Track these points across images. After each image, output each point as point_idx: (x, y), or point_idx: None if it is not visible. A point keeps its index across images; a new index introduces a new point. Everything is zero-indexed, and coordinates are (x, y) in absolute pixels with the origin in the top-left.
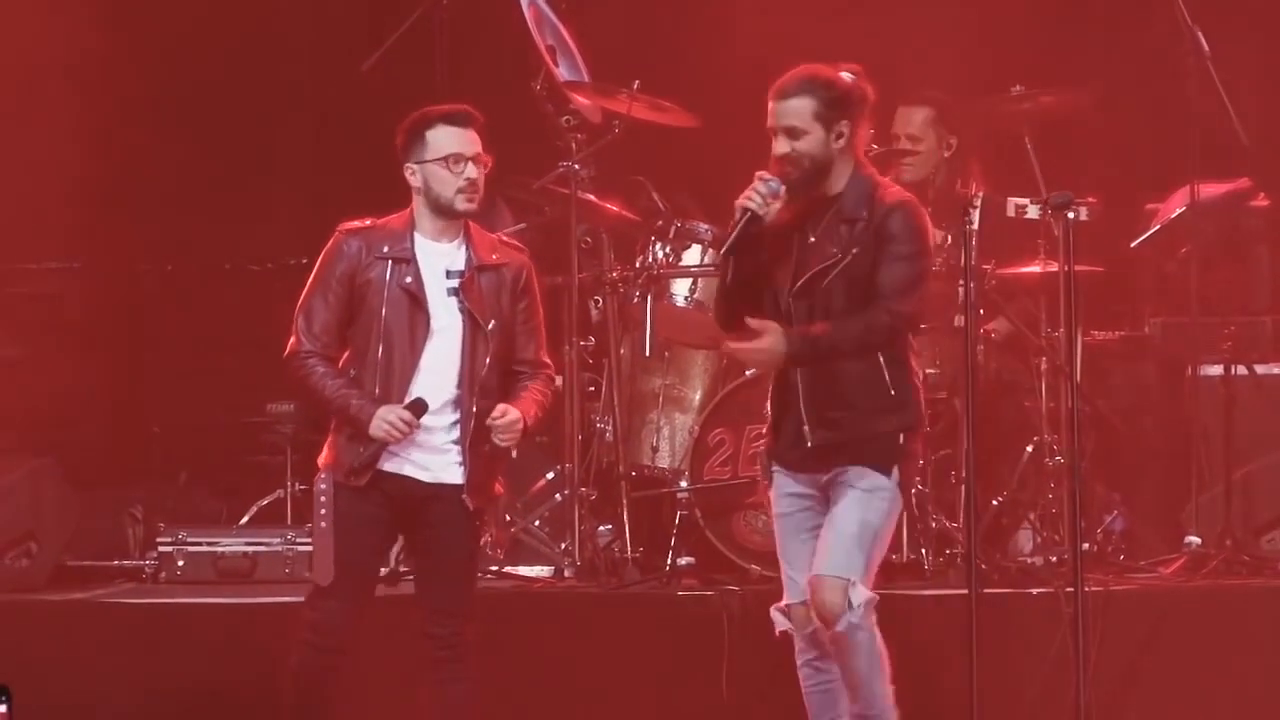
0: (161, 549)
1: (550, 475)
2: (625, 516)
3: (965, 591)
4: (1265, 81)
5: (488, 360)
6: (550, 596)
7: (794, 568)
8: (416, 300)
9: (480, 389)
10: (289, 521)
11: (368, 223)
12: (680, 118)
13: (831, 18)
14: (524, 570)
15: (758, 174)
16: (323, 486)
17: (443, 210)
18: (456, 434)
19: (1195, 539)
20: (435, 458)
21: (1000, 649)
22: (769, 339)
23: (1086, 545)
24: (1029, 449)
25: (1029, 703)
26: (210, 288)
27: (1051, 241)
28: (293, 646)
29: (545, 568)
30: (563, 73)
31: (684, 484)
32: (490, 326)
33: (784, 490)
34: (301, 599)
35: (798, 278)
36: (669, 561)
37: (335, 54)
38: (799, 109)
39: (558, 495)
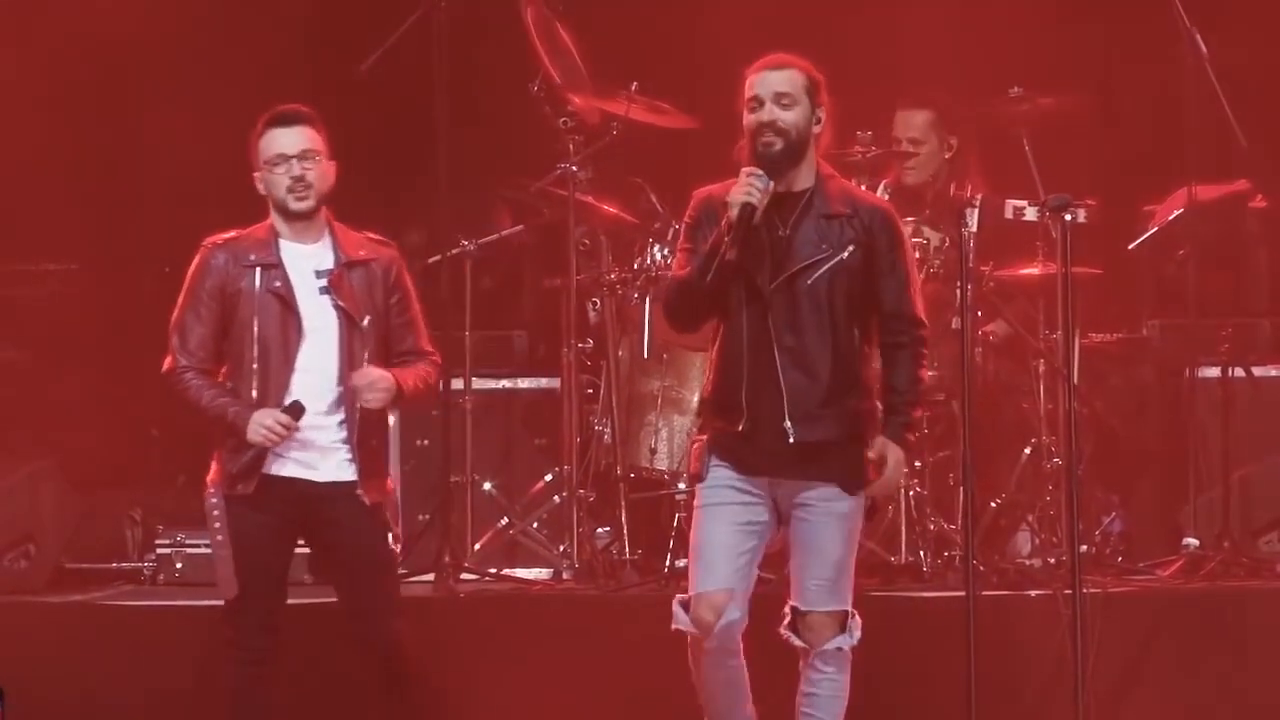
0: (160, 551)
1: (548, 477)
2: (624, 518)
3: (963, 593)
4: (1263, 83)
5: (365, 356)
6: (549, 599)
7: (715, 554)
8: (286, 303)
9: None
10: None
11: (232, 234)
12: (678, 120)
13: (829, 19)
14: (522, 572)
15: (745, 170)
16: (214, 501)
17: (283, 212)
18: (344, 432)
19: (1193, 541)
20: (325, 457)
21: (999, 651)
22: (888, 453)
23: (1085, 547)
24: (1027, 451)
25: (1028, 705)
26: None
27: (1049, 243)
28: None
29: (544, 570)
30: (561, 74)
31: (682, 486)
32: (365, 322)
33: (723, 484)
34: (296, 601)
35: (779, 273)
36: (667, 564)
37: (334, 54)
38: (792, 79)
39: (556, 497)
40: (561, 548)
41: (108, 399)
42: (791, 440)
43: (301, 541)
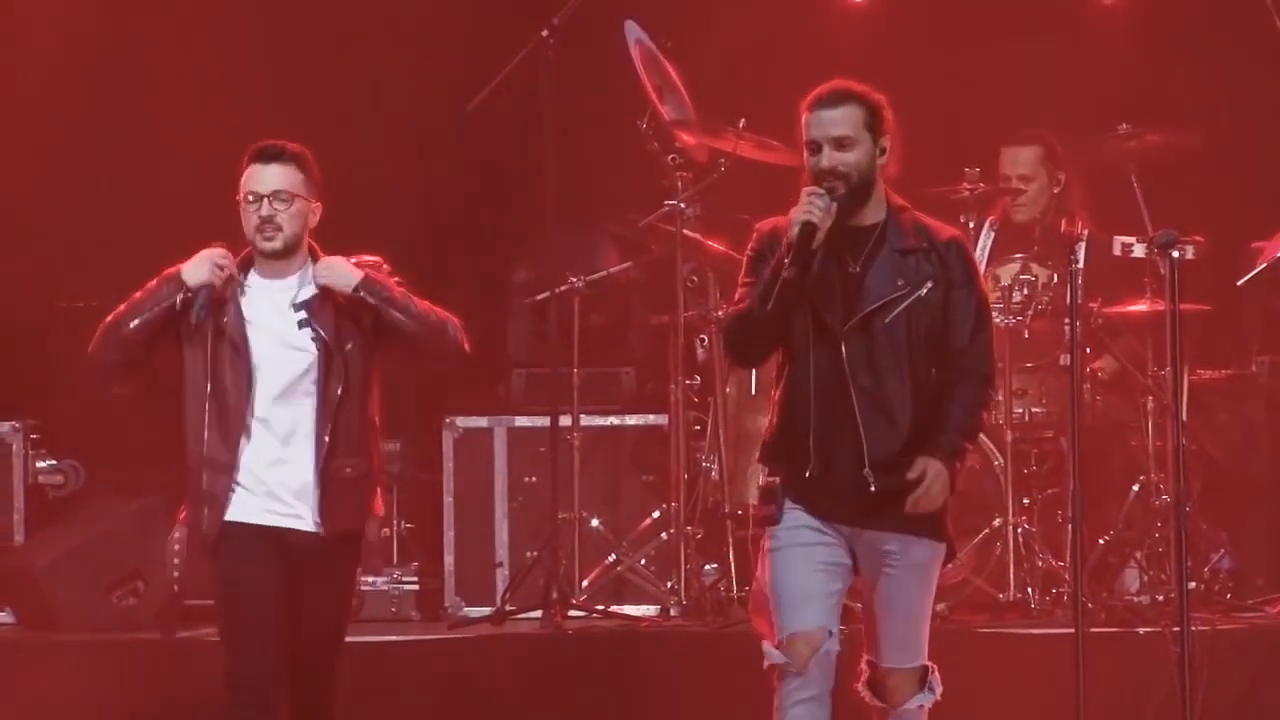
0: None
1: (656, 514)
2: (731, 555)
3: (1072, 631)
4: None
5: (341, 387)
6: (656, 635)
7: (804, 595)
8: (236, 347)
9: (336, 417)
10: (395, 560)
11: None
12: (786, 156)
13: (937, 57)
14: (630, 609)
15: (807, 189)
16: (176, 549)
17: (256, 249)
18: (313, 477)
19: None
20: (297, 505)
21: (1107, 688)
22: (927, 468)
23: (1193, 584)
24: (1135, 488)
25: None
26: None
27: (1158, 280)
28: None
29: (651, 606)
30: (669, 111)
31: None
32: (349, 348)
33: (800, 525)
34: (404, 638)
35: (853, 312)
36: None
37: (442, 93)
38: (849, 118)
39: (663, 534)
40: (669, 584)
41: None
42: (873, 489)
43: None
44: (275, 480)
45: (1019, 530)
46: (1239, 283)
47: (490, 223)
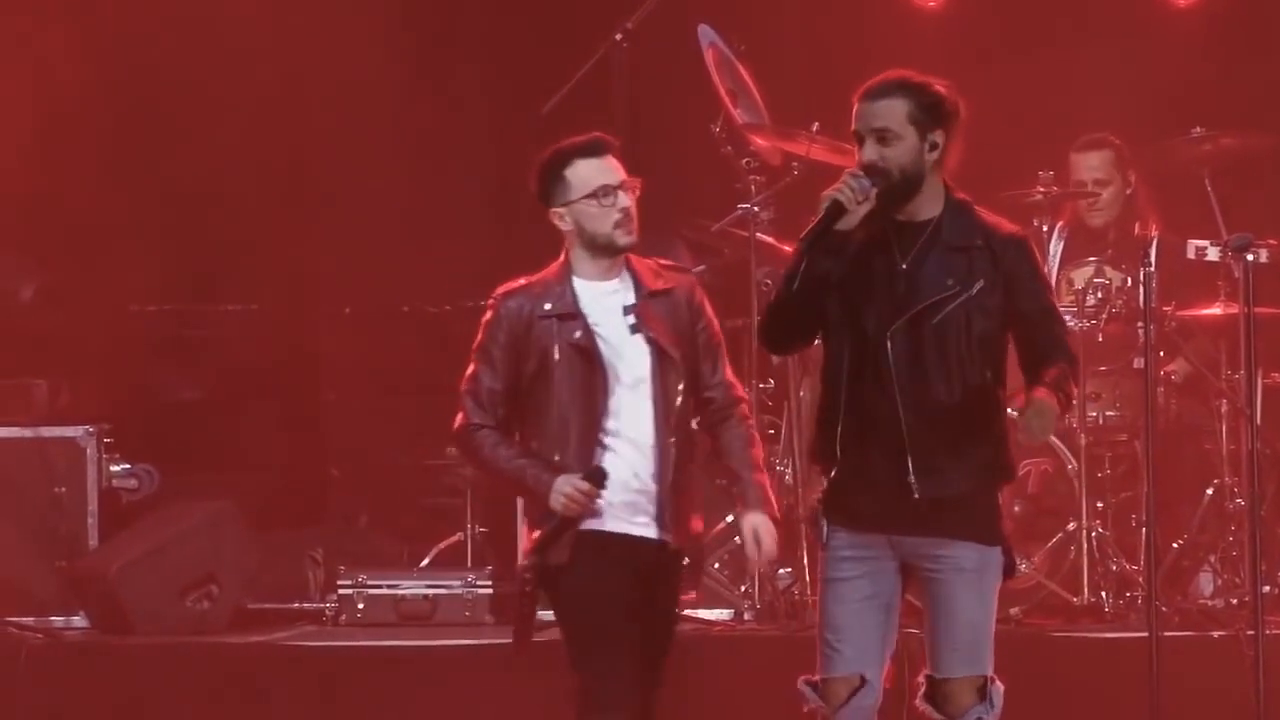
0: (342, 591)
1: (730, 518)
2: (805, 559)
3: (1146, 634)
4: None
5: (680, 389)
6: (731, 640)
7: (842, 638)
8: (589, 357)
9: (676, 424)
10: (469, 564)
11: (523, 282)
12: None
13: (1010, 60)
14: (704, 613)
15: (847, 170)
16: (526, 578)
17: (602, 249)
18: (656, 487)
19: None
20: (640, 509)
21: (1182, 692)
22: (1033, 397)
23: (1267, 588)
24: (1209, 491)
25: None
26: (388, 330)
27: (1231, 283)
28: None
29: (725, 611)
30: (742, 115)
31: None
32: (678, 355)
33: (841, 553)
34: (478, 642)
35: (901, 311)
36: None
37: (516, 96)
38: (891, 110)
39: (736, 538)
40: (743, 589)
41: (288, 439)
42: (917, 496)
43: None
44: (623, 490)
45: (1093, 534)
46: None
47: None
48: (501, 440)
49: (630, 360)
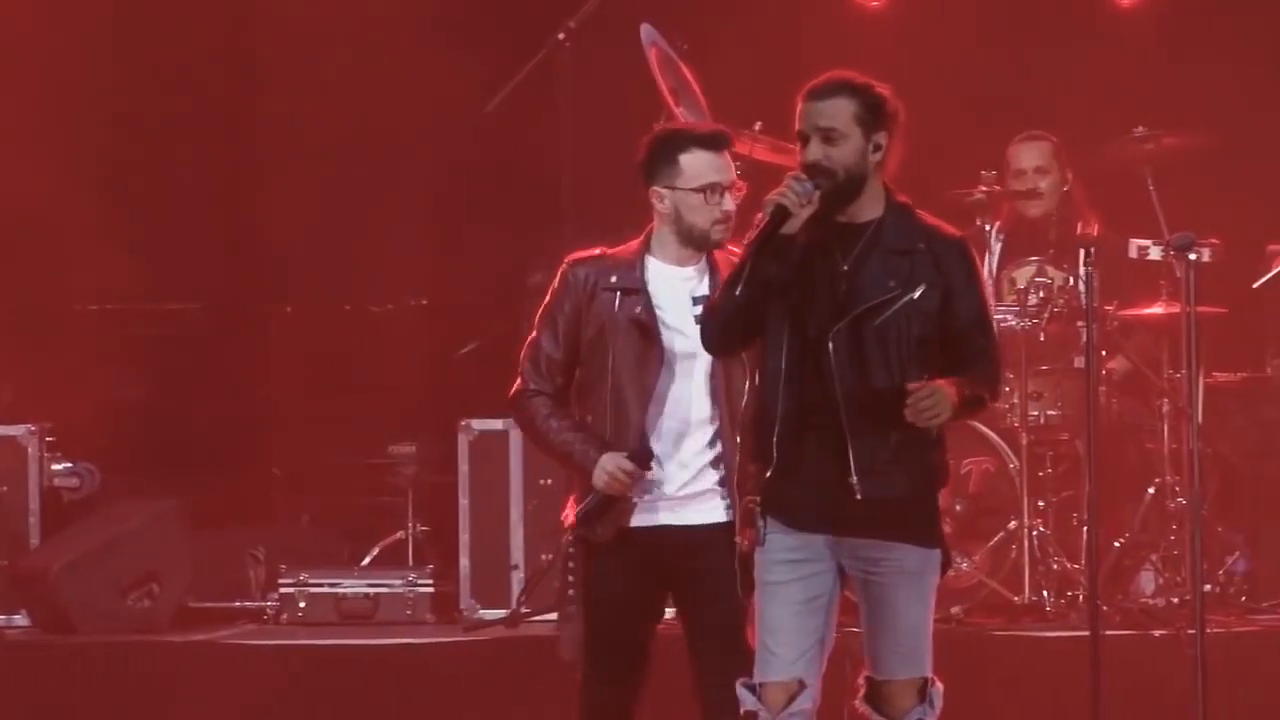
0: (283, 590)
1: None
2: (735, 560)
3: (1087, 633)
4: None
5: (746, 386)
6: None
7: (780, 642)
8: (647, 333)
9: (738, 416)
10: (410, 562)
11: (596, 252)
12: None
13: (953, 60)
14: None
15: (789, 174)
16: (570, 551)
17: (694, 240)
18: (718, 472)
19: None
20: (694, 500)
21: (1122, 691)
22: (930, 384)
23: (1208, 587)
24: (1151, 490)
25: None
26: (331, 329)
27: (1173, 283)
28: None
29: (670, 609)
30: (685, 114)
31: None
32: (744, 352)
33: (778, 555)
34: (419, 640)
35: (842, 313)
36: None
37: (458, 95)
38: (838, 110)
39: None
40: None
41: (230, 438)
42: (859, 497)
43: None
44: (672, 478)
45: (1034, 533)
46: (1255, 285)
47: (505, 225)
48: (555, 410)
49: (693, 351)
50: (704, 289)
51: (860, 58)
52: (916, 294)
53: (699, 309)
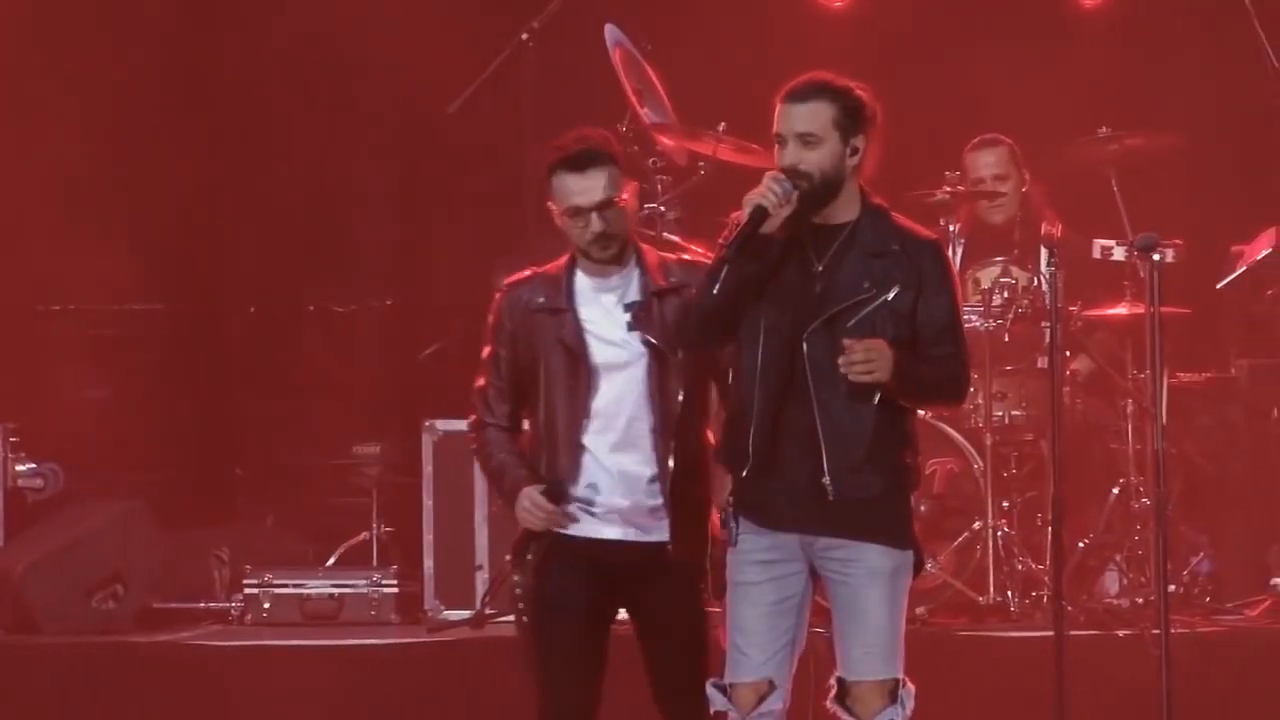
0: (247, 590)
1: None
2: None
3: (1051, 633)
4: None
5: (681, 395)
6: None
7: (751, 642)
8: (573, 352)
9: (677, 428)
10: (375, 563)
11: (528, 273)
12: (766, 159)
13: (917, 60)
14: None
15: (769, 173)
16: (517, 580)
17: (587, 257)
18: (657, 484)
19: None
20: (634, 516)
21: (1087, 691)
22: (879, 343)
23: (1173, 587)
24: (1115, 491)
25: None
26: (294, 329)
27: (1137, 283)
28: None
29: None
30: (649, 114)
31: None
32: (681, 356)
33: (752, 555)
34: (384, 641)
35: (817, 314)
36: None
37: (421, 96)
38: (816, 114)
39: None
40: None
41: (194, 438)
42: (831, 497)
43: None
44: (611, 497)
45: (999, 533)
46: (1219, 286)
47: (471, 226)
48: (498, 439)
49: (626, 360)
50: (634, 294)
51: (824, 58)
52: (890, 295)
53: (628, 317)
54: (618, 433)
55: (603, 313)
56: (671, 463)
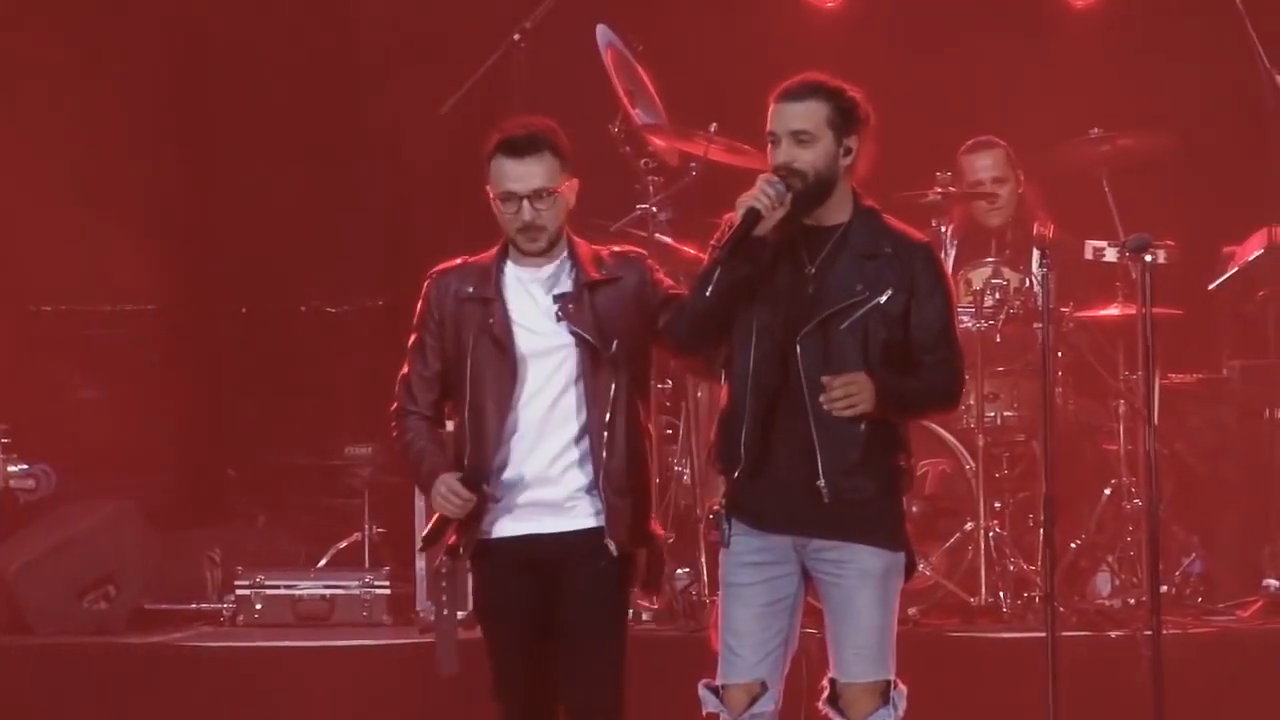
0: (239, 591)
1: None
2: (703, 560)
3: (1043, 634)
4: None
5: (613, 386)
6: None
7: (743, 643)
8: (500, 342)
9: (611, 420)
10: (367, 564)
11: (458, 261)
12: (758, 160)
13: (909, 61)
14: None
15: (763, 175)
16: (442, 571)
17: (515, 246)
18: (587, 476)
19: (1273, 581)
20: (564, 506)
21: (1079, 692)
22: (859, 375)
23: (1165, 588)
24: (1107, 491)
25: None
26: (286, 329)
27: (1129, 284)
28: None
29: None
30: (640, 115)
31: None
32: (614, 348)
33: (744, 556)
34: (376, 642)
35: (809, 316)
36: None
37: (414, 96)
38: (811, 112)
39: None
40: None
41: (186, 439)
42: (826, 500)
43: None
44: (539, 488)
45: (990, 534)
46: (1210, 287)
47: (461, 226)
48: (418, 427)
49: (554, 353)
50: (565, 285)
51: (815, 58)
52: (883, 298)
53: (557, 307)
54: (545, 424)
55: (531, 303)
56: (605, 454)
